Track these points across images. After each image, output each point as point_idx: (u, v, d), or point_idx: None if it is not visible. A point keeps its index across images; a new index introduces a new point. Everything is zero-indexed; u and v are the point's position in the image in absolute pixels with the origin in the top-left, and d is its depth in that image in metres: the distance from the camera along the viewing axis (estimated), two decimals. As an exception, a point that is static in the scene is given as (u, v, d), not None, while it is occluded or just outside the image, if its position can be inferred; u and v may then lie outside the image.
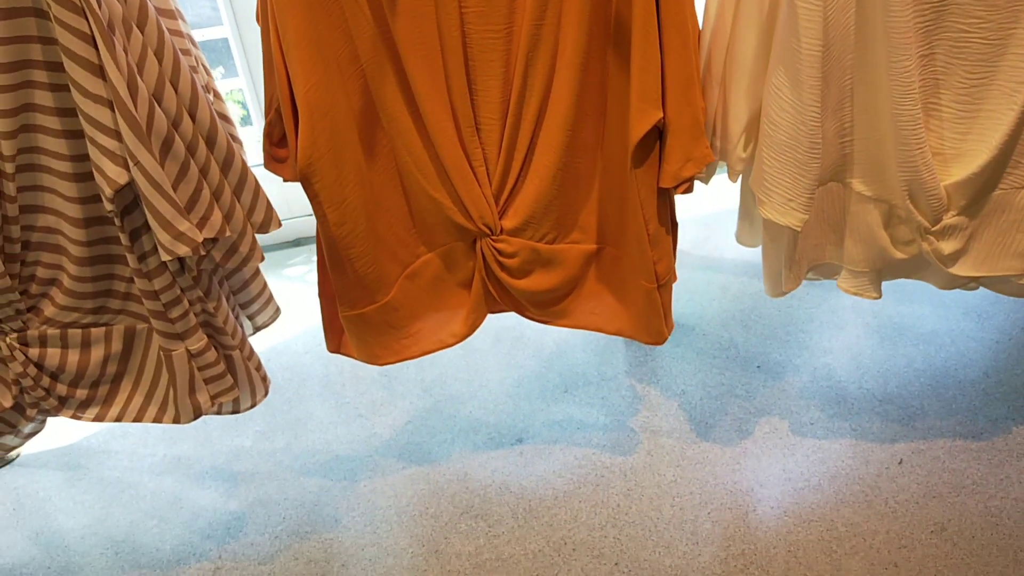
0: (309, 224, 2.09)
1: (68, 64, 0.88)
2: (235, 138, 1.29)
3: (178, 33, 1.16)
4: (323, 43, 1.04)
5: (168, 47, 0.98)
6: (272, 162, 1.17)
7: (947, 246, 1.12)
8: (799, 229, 1.11)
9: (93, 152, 0.92)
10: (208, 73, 1.25)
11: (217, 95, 1.27)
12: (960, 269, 1.14)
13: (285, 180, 1.17)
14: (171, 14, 1.15)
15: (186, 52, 1.17)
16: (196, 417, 1.13)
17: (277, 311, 1.28)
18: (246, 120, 2.14)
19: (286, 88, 1.06)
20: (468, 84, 1.09)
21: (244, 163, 1.08)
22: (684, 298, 1.72)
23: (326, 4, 1.03)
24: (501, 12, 1.06)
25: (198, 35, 2.00)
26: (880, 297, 1.21)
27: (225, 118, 1.27)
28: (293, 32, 1.02)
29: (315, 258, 2.04)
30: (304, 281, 1.94)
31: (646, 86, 1.06)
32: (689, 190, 1.15)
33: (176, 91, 0.98)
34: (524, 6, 1.04)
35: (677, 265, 1.22)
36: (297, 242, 2.09)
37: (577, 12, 1.05)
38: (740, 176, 1.21)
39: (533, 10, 1.04)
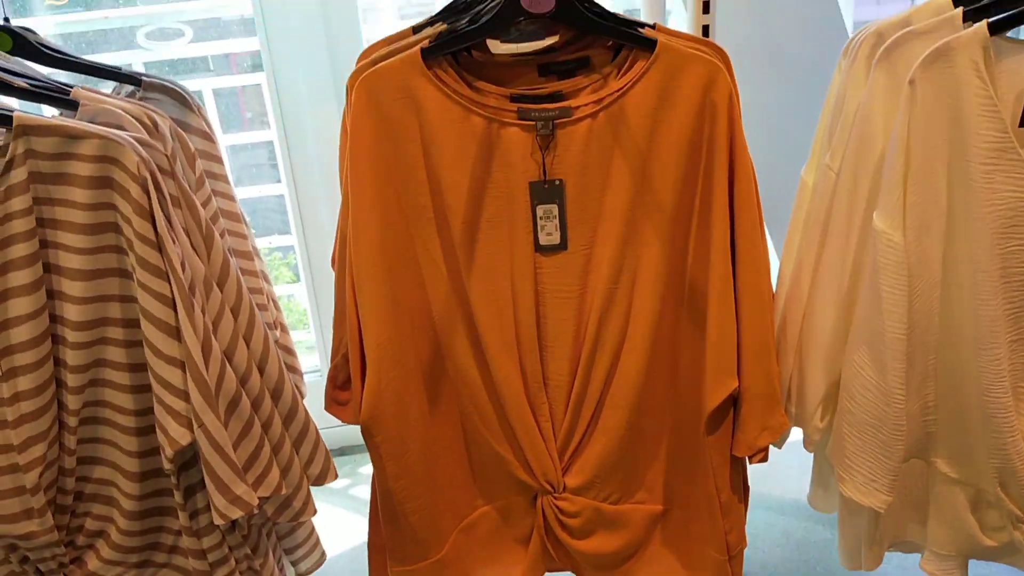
0: (354, 432, 2.06)
1: (145, 324, 0.88)
2: (294, 369, 1.28)
3: (252, 273, 1.17)
4: (398, 298, 1.04)
5: (245, 302, 0.98)
6: (333, 405, 1.15)
7: (1043, 537, 1.04)
8: (883, 511, 1.04)
9: (158, 410, 0.90)
10: (277, 308, 1.26)
11: (284, 329, 1.27)
12: (1057, 561, 1.06)
13: (344, 422, 1.14)
14: (247, 255, 1.17)
15: (257, 291, 1.18)
16: None
17: (322, 557, 1.23)
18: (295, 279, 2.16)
19: (356, 339, 1.05)
20: (539, 340, 1.08)
21: (307, 414, 1.06)
22: (744, 541, 1.63)
23: (403, 261, 1.03)
24: (576, 272, 1.05)
25: (265, 242, 2.06)
26: (967, 584, 1.13)
27: (288, 350, 1.27)
28: (370, 288, 1.02)
29: (360, 469, 2.00)
30: (347, 495, 1.89)
31: (722, 355, 1.04)
32: (764, 459, 1.10)
33: (248, 346, 0.97)
34: (599, 268, 1.04)
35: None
36: (341, 451, 2.04)
37: (652, 276, 1.04)
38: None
39: (608, 272, 1.04)
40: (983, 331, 0.96)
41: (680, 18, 1.69)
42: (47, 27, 1.81)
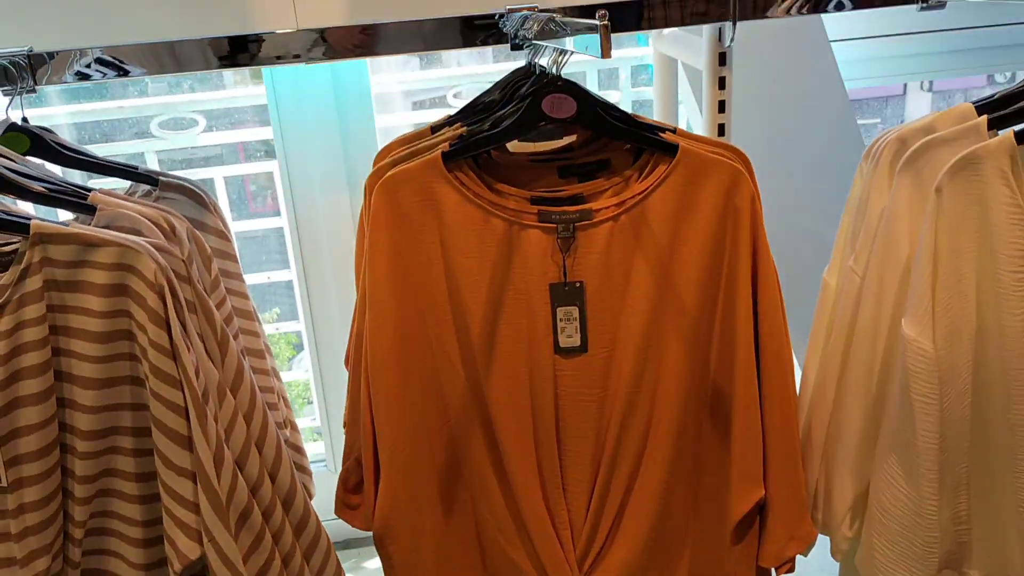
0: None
1: (156, 434, 0.86)
2: (304, 468, 1.25)
3: (264, 372, 1.15)
4: (414, 402, 1.02)
5: (258, 408, 0.95)
6: (344, 509, 1.12)
7: (1086, 656, 1.00)
8: (917, 626, 1.00)
9: (167, 523, 0.87)
10: (287, 406, 1.24)
11: (294, 427, 1.24)
12: None
13: (355, 527, 1.11)
14: (259, 353, 1.15)
15: (268, 390, 1.16)
16: None
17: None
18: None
19: (370, 442, 1.03)
20: (558, 445, 1.05)
21: (318, 523, 1.02)
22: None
23: (420, 362, 1.01)
24: (596, 375, 1.03)
25: (273, 328, 2.04)
26: None
27: (298, 449, 1.24)
28: (386, 392, 1.00)
29: (365, 564, 1.94)
30: (352, 592, 1.83)
31: (748, 464, 1.01)
32: (791, 570, 1.06)
33: (260, 453, 0.94)
34: (620, 371, 1.02)
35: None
36: (346, 543, 1.99)
37: (675, 380, 1.02)
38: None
39: (630, 376, 1.02)
40: (1017, 439, 0.93)
41: (690, 108, 1.71)
42: (61, 117, 1.82)
